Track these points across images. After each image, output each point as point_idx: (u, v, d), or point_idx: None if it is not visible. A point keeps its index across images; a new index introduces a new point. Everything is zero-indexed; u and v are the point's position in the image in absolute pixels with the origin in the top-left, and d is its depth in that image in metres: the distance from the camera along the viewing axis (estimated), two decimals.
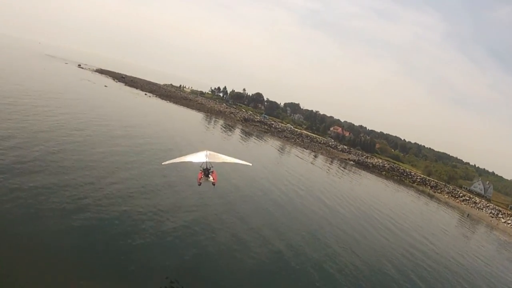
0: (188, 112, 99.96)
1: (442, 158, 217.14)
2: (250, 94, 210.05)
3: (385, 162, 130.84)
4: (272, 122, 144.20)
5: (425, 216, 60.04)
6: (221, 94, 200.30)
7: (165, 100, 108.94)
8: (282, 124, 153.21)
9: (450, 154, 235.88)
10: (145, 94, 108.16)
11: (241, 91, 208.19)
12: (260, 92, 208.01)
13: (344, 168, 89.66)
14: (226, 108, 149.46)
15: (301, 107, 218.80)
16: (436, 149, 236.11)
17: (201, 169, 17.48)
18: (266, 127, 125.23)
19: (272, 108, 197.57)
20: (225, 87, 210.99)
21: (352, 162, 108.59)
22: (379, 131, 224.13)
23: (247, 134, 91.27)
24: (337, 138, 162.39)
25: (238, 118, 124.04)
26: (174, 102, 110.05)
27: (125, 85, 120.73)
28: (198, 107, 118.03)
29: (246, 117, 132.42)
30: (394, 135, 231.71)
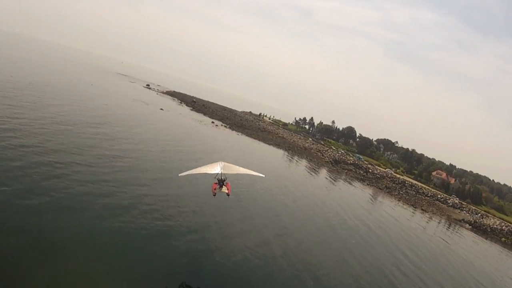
0: (263, 148, 71.75)
1: None
2: (340, 128, 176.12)
3: (502, 224, 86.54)
4: (369, 166, 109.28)
5: None
6: (306, 126, 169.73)
7: (236, 131, 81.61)
8: (381, 168, 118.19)
9: None
10: (212, 122, 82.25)
11: (330, 124, 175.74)
12: (344, 125, 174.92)
13: (460, 234, 60.77)
14: (313, 144, 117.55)
15: (397, 145, 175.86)
16: None
17: (216, 180, 17.64)
18: (361, 172, 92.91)
19: (365, 145, 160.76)
20: (311, 118, 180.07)
21: (467, 225, 74.78)
22: (468, 170, 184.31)
23: (333, 178, 67.88)
24: (442, 185, 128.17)
25: (326, 158, 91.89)
26: (247, 135, 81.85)
27: (191, 109, 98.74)
28: (278, 142, 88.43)
29: (337, 157, 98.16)
30: (483, 174, 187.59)
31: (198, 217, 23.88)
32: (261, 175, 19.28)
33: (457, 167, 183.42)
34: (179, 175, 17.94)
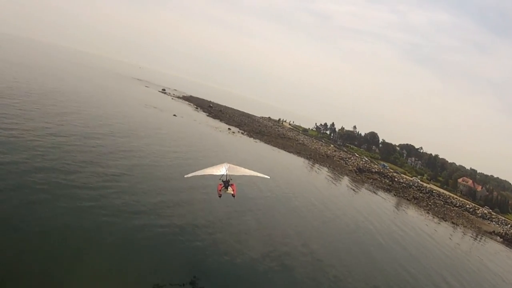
0: (283, 156, 67.01)
1: None
2: (362, 134, 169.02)
3: None
4: (394, 174, 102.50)
5: None
6: (328, 132, 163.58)
7: (254, 137, 77.33)
8: (406, 176, 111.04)
9: None
10: (229, 129, 78.27)
11: (351, 129, 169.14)
12: (368, 130, 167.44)
13: (494, 250, 55.23)
14: (335, 151, 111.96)
15: (420, 151, 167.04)
16: None
17: (221, 181, 17.62)
18: (387, 181, 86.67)
19: (388, 151, 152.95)
20: (332, 123, 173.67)
21: (498, 237, 68.22)
22: (489, 175, 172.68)
23: (358, 189, 63.00)
24: (469, 193, 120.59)
25: (350, 167, 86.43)
26: (266, 141, 77.53)
27: (208, 115, 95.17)
28: (299, 149, 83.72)
29: (361, 166, 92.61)
30: (504, 179, 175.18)
31: (226, 228, 23.80)
32: (266, 176, 19.61)
33: (478, 172, 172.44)
34: (185, 176, 17.96)
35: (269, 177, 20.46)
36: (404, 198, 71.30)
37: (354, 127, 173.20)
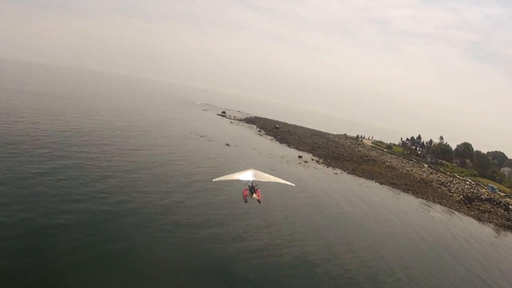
0: (374, 191, 49.67)
1: None
2: (452, 146, 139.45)
3: None
4: (507, 200, 72.64)
5: None
6: (415, 147, 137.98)
7: (332, 166, 61.08)
8: None
9: None
10: (299, 156, 62.81)
11: (440, 140, 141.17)
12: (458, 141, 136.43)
13: None
14: (430, 172, 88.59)
15: None
16: None
17: (247, 186, 18.07)
18: (501, 211, 59.22)
19: (483, 164, 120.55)
20: (419, 136, 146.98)
21: None
22: None
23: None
24: None
25: (455, 195, 63.79)
26: (349, 171, 60.86)
27: (273, 139, 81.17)
28: (389, 176, 65.22)
29: (467, 192, 68.66)
30: None
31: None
32: (291, 184, 20.64)
33: None
34: (213, 180, 19.32)
35: (294, 185, 21.98)
36: None
37: (441, 137, 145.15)
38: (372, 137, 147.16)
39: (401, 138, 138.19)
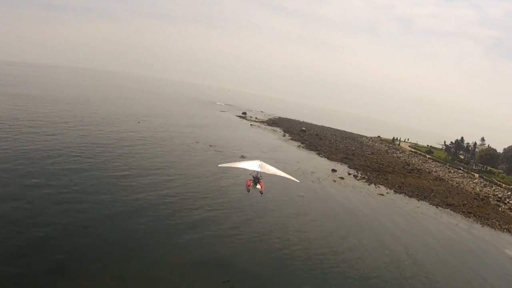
0: (434, 217, 38.37)
1: None
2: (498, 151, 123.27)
3: None
4: None
5: None
6: (457, 151, 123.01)
7: (375, 183, 49.80)
8: None
9: None
10: (333, 171, 52.04)
11: (481, 143, 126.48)
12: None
13: None
14: (484, 185, 74.87)
15: None
16: None
17: (251, 177, 18.17)
18: None
19: None
20: (462, 138, 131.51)
21: None
22: None
23: None
24: None
25: None
26: (396, 189, 49.25)
27: (300, 146, 70.07)
28: (441, 192, 53.73)
29: None
30: None
31: None
32: (296, 180, 20.98)
33: None
34: (219, 165, 20.19)
35: (298, 181, 23.20)
36: None
37: (482, 139, 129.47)
38: (408, 139, 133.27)
39: (444, 142, 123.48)
